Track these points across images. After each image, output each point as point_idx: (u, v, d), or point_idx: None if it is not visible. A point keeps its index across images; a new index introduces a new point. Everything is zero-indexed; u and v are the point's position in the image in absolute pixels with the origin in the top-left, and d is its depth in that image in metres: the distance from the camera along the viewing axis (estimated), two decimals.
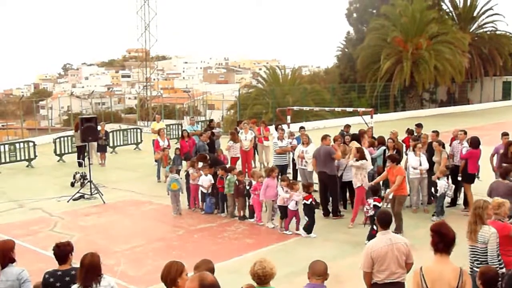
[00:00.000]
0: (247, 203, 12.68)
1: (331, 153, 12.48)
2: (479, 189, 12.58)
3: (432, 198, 12.97)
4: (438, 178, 12.22)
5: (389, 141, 13.46)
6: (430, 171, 12.81)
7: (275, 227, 11.77)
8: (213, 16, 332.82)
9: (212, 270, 5.26)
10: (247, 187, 12.47)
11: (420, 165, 12.57)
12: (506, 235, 6.71)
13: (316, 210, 11.55)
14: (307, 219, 11.21)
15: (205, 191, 13.23)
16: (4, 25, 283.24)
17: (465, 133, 13.22)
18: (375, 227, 10.11)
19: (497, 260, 6.33)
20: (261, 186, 11.92)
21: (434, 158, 12.86)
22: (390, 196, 11.21)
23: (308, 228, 11.14)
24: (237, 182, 12.58)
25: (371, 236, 9.42)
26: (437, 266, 4.75)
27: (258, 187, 12.00)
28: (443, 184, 12.16)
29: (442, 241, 4.96)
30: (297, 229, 11.37)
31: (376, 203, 10.56)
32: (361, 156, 11.97)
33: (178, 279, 4.87)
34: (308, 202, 11.13)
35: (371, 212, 10.43)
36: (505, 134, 12.91)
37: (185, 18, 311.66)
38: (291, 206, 11.33)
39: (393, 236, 6.25)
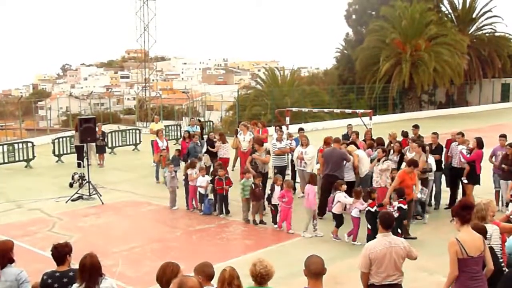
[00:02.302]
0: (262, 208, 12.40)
1: (344, 157, 12.49)
2: (476, 191, 12.66)
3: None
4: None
5: (397, 144, 13.39)
6: None
7: (319, 235, 11.25)
8: (212, 17, 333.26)
9: (210, 276, 5.22)
10: (269, 192, 12.12)
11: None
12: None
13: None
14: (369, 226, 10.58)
15: (203, 191, 13.24)
16: (3, 25, 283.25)
17: (463, 135, 13.26)
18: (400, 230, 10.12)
19: (500, 257, 6.32)
20: (289, 193, 11.58)
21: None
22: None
23: (371, 238, 10.37)
24: (253, 185, 12.19)
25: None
26: (468, 235, 5.55)
27: (286, 194, 11.52)
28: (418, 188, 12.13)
29: (469, 213, 5.70)
30: (352, 237, 10.80)
31: (401, 205, 10.39)
32: (385, 156, 12.16)
33: (173, 280, 4.87)
34: (373, 210, 10.53)
35: (396, 215, 10.15)
36: (502, 136, 12.94)
37: (184, 19, 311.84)
38: (355, 213, 10.81)
39: (393, 239, 6.26)
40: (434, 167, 12.57)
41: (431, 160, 12.59)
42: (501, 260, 6.31)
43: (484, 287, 5.65)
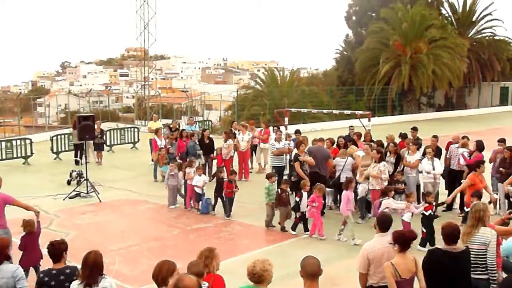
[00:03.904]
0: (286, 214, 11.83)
1: (329, 157, 12.61)
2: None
3: None
4: (358, 183, 12.15)
5: (391, 145, 13.45)
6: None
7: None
8: (212, 17, 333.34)
9: (198, 274, 5.22)
10: (297, 199, 11.55)
11: (434, 169, 12.45)
12: None
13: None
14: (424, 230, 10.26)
15: (199, 191, 13.20)
16: (3, 22, 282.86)
17: (468, 139, 13.31)
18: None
19: (495, 264, 6.32)
20: (320, 198, 11.18)
21: (364, 162, 12.53)
22: None
23: (424, 241, 10.17)
24: (279, 190, 11.79)
25: None
26: (402, 260, 5.92)
27: (316, 199, 11.14)
28: (365, 188, 12.05)
29: (409, 244, 6.00)
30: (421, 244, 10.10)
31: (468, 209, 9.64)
32: (381, 157, 12.06)
33: (169, 278, 4.89)
34: (427, 213, 10.26)
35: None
36: (501, 141, 12.97)
37: (184, 18, 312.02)
38: (406, 217, 10.37)
39: (390, 239, 6.26)
40: (441, 170, 12.60)
41: (437, 163, 12.58)
42: (494, 268, 6.29)
43: None
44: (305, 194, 11.46)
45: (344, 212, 10.98)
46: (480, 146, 12.65)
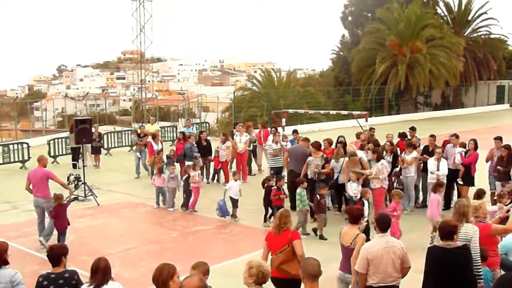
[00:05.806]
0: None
1: (306, 155, 12.74)
2: (471, 192, 12.66)
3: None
4: (349, 180, 12.07)
5: (387, 144, 13.46)
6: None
7: None
8: (208, 19, 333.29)
9: (207, 272, 5.31)
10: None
11: (438, 170, 12.38)
12: (487, 234, 6.80)
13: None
14: None
15: (233, 195, 12.78)
16: None
17: (457, 137, 13.33)
18: None
19: (479, 260, 6.32)
20: (400, 206, 10.47)
21: (351, 169, 12.21)
22: None
23: None
24: (318, 196, 11.30)
25: None
26: (349, 230, 7.07)
27: (397, 207, 10.29)
28: (358, 188, 11.83)
29: (352, 217, 7.19)
30: None
31: None
32: (378, 157, 11.97)
33: (169, 281, 4.90)
34: None
35: None
36: (497, 139, 13.00)
37: (180, 20, 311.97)
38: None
39: (390, 239, 6.29)
40: (445, 172, 12.52)
41: (443, 164, 12.51)
42: (478, 264, 6.30)
43: (349, 268, 6.79)
44: (366, 203, 10.86)
45: (435, 217, 10.29)
46: (476, 145, 12.75)
